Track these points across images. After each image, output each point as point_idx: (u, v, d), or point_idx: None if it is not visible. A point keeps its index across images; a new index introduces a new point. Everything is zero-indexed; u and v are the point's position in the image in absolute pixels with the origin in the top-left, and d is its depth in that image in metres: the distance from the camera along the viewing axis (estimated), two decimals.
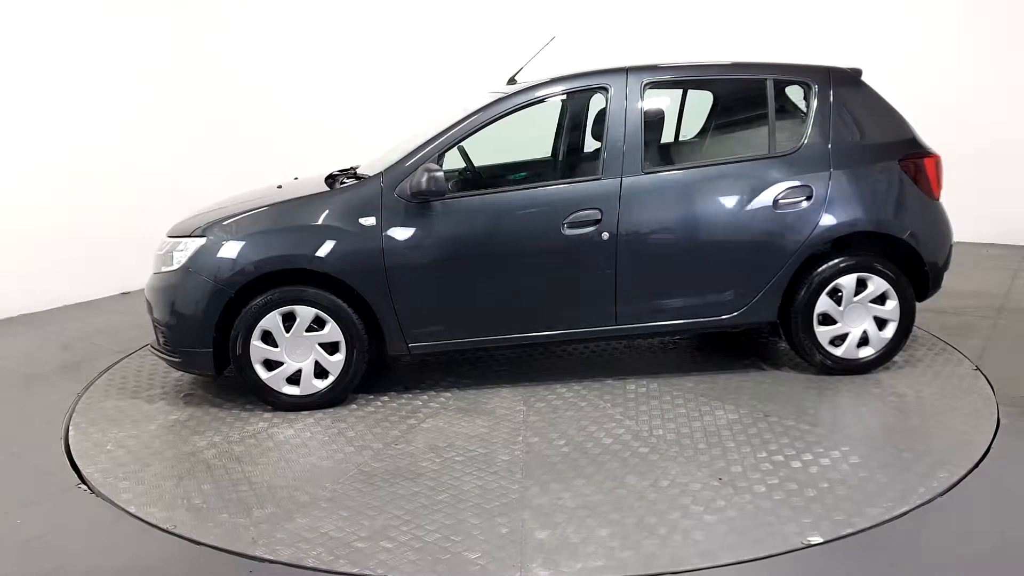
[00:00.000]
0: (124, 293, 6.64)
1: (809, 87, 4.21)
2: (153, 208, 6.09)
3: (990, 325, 5.07)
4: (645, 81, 4.10)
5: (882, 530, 2.79)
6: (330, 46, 8.22)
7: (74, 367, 4.89)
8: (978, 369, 4.27)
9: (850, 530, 2.81)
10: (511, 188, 4.09)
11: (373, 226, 3.93)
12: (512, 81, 4.69)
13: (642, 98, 4.08)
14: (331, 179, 4.51)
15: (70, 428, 3.96)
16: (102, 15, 6.47)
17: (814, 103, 4.19)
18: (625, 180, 4.01)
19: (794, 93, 4.37)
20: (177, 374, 4.62)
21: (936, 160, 4.23)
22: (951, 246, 4.36)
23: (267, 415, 4.02)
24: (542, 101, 4.17)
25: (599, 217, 3.98)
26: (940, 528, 2.84)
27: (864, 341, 4.26)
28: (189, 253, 3.96)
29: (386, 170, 4.01)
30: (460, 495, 3.15)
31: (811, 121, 4.17)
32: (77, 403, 4.30)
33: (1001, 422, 3.62)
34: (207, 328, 3.94)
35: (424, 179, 3.84)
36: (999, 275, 6.36)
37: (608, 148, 4.04)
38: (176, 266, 3.99)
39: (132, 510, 3.12)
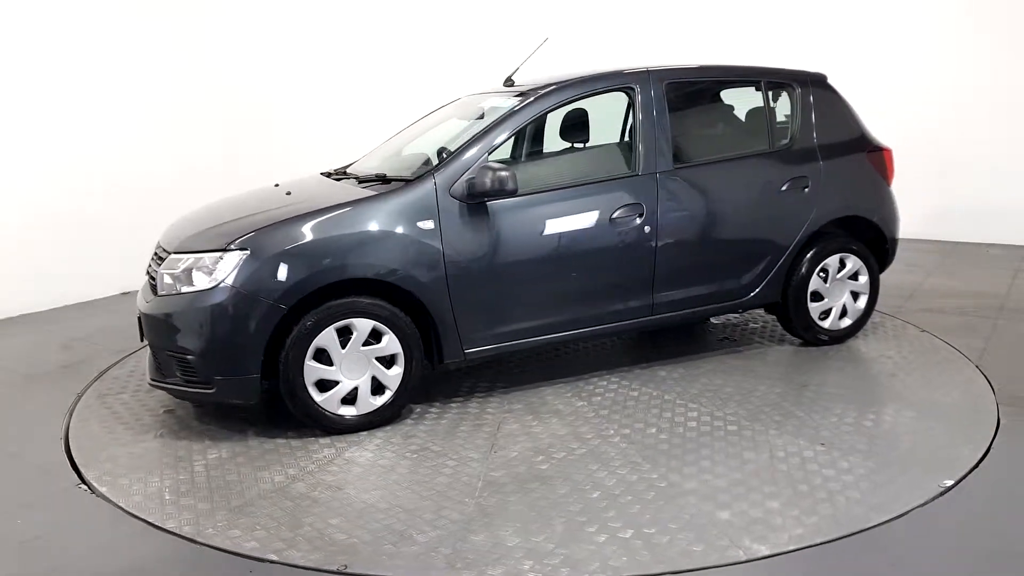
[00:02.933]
0: (124, 293, 6.50)
1: (793, 89, 4.66)
2: (153, 208, 5.93)
3: (990, 325, 5.06)
4: (666, 82, 4.31)
5: (882, 530, 2.80)
6: (328, 48, 8.11)
7: (74, 367, 4.81)
8: (978, 369, 4.31)
9: (965, 469, 3.21)
10: (562, 186, 4.08)
11: (432, 229, 3.76)
12: (509, 82, 4.69)
13: (665, 97, 4.28)
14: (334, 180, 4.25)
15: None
16: (102, 16, 6.38)
17: (798, 103, 4.64)
18: (659, 175, 4.19)
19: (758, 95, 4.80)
20: (161, 399, 4.08)
21: (890, 153, 4.86)
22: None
23: (324, 440, 3.69)
24: (574, 101, 4.23)
25: (642, 211, 4.13)
26: (940, 528, 2.83)
27: (843, 313, 4.80)
28: (229, 268, 3.52)
29: (438, 170, 3.85)
30: (610, 491, 3.14)
31: (798, 119, 4.62)
32: (77, 403, 4.21)
33: (1001, 422, 3.63)
34: (256, 351, 3.54)
35: (488, 178, 3.74)
36: (999, 275, 6.33)
37: (643, 145, 4.19)
38: (208, 284, 3.53)
39: (273, 557, 2.76)
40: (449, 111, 5.14)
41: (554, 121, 4.73)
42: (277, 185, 4.60)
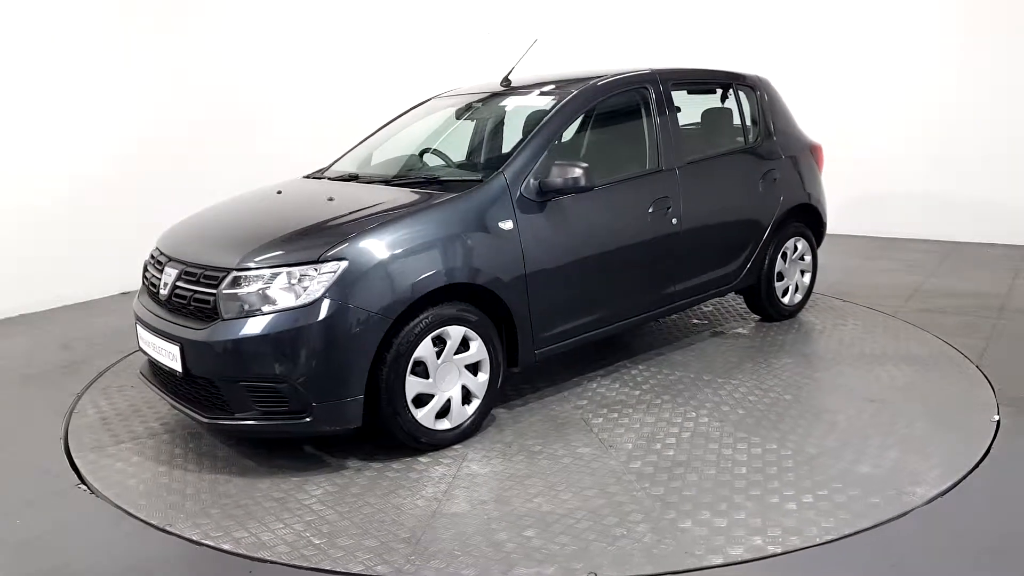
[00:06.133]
0: (123, 293, 6.45)
1: (754, 90, 5.15)
2: (153, 208, 6.00)
3: (990, 325, 5.05)
4: (670, 82, 4.57)
5: (882, 530, 2.80)
6: (325, 50, 8.04)
7: (74, 367, 4.79)
8: (978, 369, 4.31)
9: (995, 400, 3.79)
10: (613, 180, 4.16)
11: (511, 229, 3.69)
12: (507, 81, 4.68)
13: (673, 97, 4.54)
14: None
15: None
16: (101, 16, 6.31)
17: (757, 103, 5.14)
18: (678, 170, 4.44)
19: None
20: (174, 421, 3.58)
21: (821, 148, 5.54)
22: None
23: (423, 459, 3.47)
24: (602, 100, 4.33)
25: (670, 205, 4.35)
26: (940, 528, 2.83)
27: (794, 289, 5.40)
28: (327, 280, 3.18)
29: (506, 169, 3.77)
30: (752, 465, 3.32)
31: (760, 118, 5.12)
32: (76, 403, 4.21)
33: (1001, 422, 3.63)
34: (361, 369, 3.25)
35: (562, 175, 3.73)
36: (1000, 275, 6.32)
37: (662, 141, 4.41)
38: (304, 300, 3.17)
39: (515, 571, 2.60)
40: (422, 111, 5.01)
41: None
42: (280, 192, 4.19)
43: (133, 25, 6.48)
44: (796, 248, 5.31)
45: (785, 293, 5.30)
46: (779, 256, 5.16)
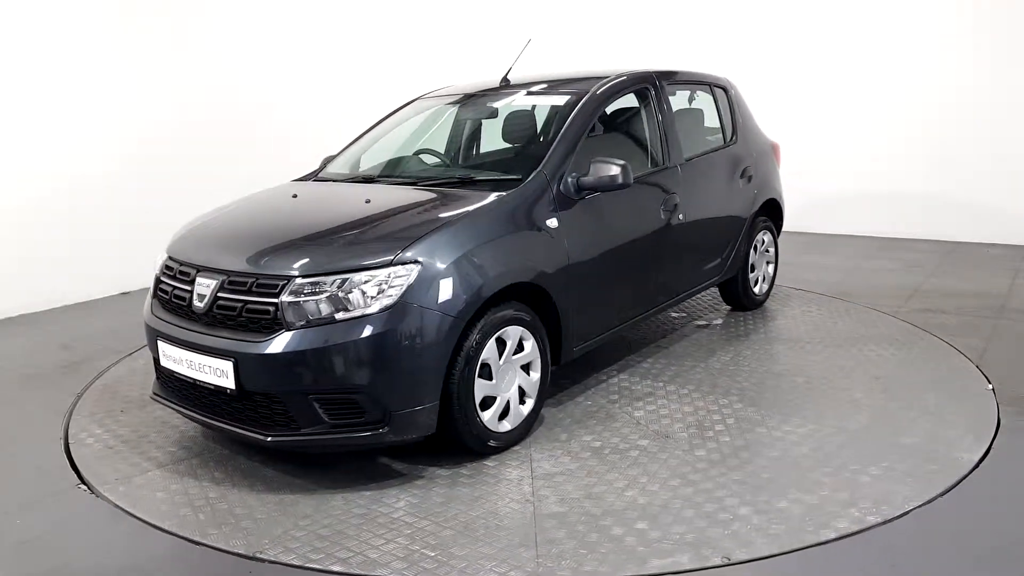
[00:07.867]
0: (124, 293, 6.50)
1: (726, 91, 5.39)
2: (154, 208, 6.20)
3: (990, 325, 5.04)
4: (666, 82, 4.71)
5: (882, 530, 2.80)
6: (325, 50, 8.02)
7: (74, 367, 4.81)
8: (978, 369, 4.31)
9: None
10: (637, 177, 4.20)
11: (557, 227, 3.69)
12: (505, 81, 4.67)
13: (670, 97, 4.68)
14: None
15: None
16: (102, 16, 6.29)
17: (727, 103, 5.39)
18: (680, 167, 4.59)
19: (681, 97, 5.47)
20: (194, 443, 3.36)
21: (779, 146, 5.87)
22: None
23: (489, 463, 3.41)
24: (621, 96, 4.40)
25: (676, 201, 4.49)
26: (940, 528, 2.82)
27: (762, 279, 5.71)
28: (402, 284, 3.06)
29: (545, 166, 3.76)
30: (808, 443, 3.49)
31: (732, 118, 5.37)
32: (76, 403, 4.21)
33: (1001, 422, 3.63)
34: (438, 374, 3.15)
35: (600, 173, 3.76)
36: (1000, 275, 6.32)
37: (666, 139, 4.54)
38: (381, 304, 3.03)
39: (696, 563, 2.61)
40: (409, 111, 4.90)
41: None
42: (295, 196, 3.97)
43: (133, 25, 6.47)
44: (764, 241, 5.60)
45: (756, 283, 5.58)
46: (751, 248, 5.43)
